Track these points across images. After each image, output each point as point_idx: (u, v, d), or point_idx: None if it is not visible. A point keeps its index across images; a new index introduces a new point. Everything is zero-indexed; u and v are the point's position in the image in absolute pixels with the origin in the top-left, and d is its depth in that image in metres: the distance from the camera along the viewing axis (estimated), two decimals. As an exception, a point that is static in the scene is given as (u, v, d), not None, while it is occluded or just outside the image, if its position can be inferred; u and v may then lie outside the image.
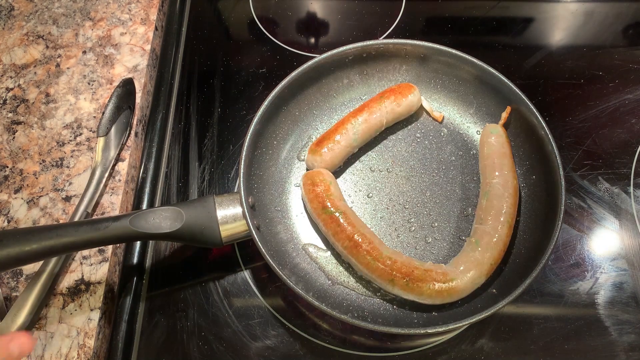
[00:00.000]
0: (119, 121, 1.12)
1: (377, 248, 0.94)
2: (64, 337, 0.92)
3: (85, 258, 0.99)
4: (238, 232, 0.94)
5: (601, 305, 1.01)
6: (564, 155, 1.14)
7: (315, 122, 1.16)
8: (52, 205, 1.05)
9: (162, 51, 1.35)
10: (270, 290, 1.02)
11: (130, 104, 1.16)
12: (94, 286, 0.97)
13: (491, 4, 1.44)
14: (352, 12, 1.42)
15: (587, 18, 1.42)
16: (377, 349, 0.97)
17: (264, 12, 1.43)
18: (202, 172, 1.17)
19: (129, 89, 1.17)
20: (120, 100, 1.14)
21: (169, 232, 0.89)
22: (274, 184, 1.08)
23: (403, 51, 1.14)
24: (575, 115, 1.23)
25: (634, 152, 1.18)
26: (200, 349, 0.96)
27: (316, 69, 1.11)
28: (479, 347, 0.97)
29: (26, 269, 0.98)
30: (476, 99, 1.14)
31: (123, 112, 1.13)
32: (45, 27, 1.30)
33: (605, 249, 1.07)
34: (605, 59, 1.33)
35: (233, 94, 1.28)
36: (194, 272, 1.05)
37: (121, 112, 1.13)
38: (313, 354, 0.96)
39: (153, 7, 1.34)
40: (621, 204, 1.12)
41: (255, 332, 0.98)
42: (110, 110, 1.12)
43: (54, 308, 0.94)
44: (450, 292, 0.90)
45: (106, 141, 1.10)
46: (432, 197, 1.08)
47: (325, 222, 0.98)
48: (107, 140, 1.10)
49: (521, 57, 1.33)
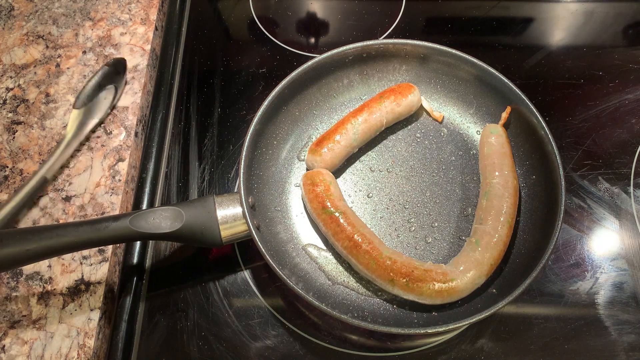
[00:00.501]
0: (100, 97, 1.10)
1: (377, 248, 0.94)
2: (64, 337, 0.92)
3: (85, 258, 0.99)
4: (238, 232, 0.94)
5: (601, 305, 1.01)
6: (564, 155, 1.14)
7: (315, 122, 1.16)
8: (52, 205, 1.05)
9: (162, 51, 1.35)
10: (270, 290, 1.02)
11: (116, 83, 1.14)
12: (94, 286, 0.97)
13: (491, 4, 1.44)
14: (352, 12, 1.42)
15: (587, 18, 1.42)
16: (377, 349, 0.97)
17: (264, 12, 1.43)
18: (202, 172, 1.17)
19: (118, 68, 1.15)
20: (104, 78, 1.12)
21: (169, 232, 0.89)
22: (274, 184, 1.08)
23: (403, 51, 1.14)
24: (575, 115, 1.23)
25: (634, 152, 1.18)
26: (200, 349, 0.96)
27: (316, 69, 1.11)
28: (479, 347, 0.97)
29: (26, 269, 0.98)
30: (476, 99, 1.14)
31: (105, 89, 1.11)
32: (45, 27, 1.30)
33: (605, 249, 1.07)
34: (605, 59, 1.33)
35: (233, 94, 1.28)
36: (194, 272, 1.05)
37: (103, 89, 1.11)
38: (313, 354, 0.96)
39: (153, 7, 1.34)
40: (621, 204, 1.12)
41: (255, 332, 0.98)
42: (91, 86, 1.11)
43: (54, 308, 0.94)
44: (450, 292, 0.90)
45: (82, 115, 1.08)
46: (432, 197, 1.08)
47: (325, 222, 0.98)
48: (84, 113, 1.09)
49: (521, 57, 1.33)
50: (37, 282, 0.96)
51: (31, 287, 0.96)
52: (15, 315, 0.93)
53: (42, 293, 0.96)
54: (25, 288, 0.96)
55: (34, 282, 0.96)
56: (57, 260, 0.99)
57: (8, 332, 0.92)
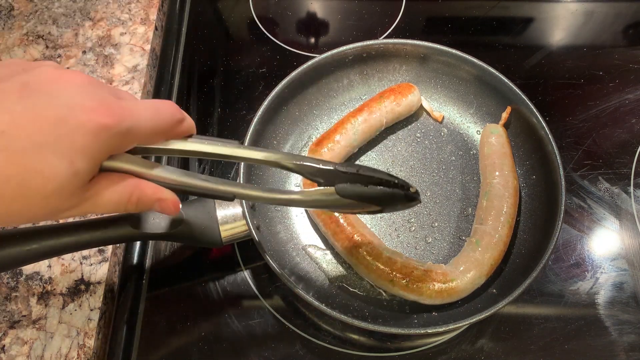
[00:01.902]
0: None
1: (377, 248, 0.94)
2: (63, 337, 0.92)
3: (85, 258, 0.99)
4: (238, 232, 0.94)
5: (601, 305, 1.01)
6: (564, 155, 1.14)
7: (315, 122, 1.16)
8: (52, 205, 1.04)
9: (162, 51, 1.35)
10: (270, 290, 1.02)
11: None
12: (94, 286, 0.97)
13: (491, 4, 1.44)
14: (352, 12, 1.42)
15: (587, 18, 1.42)
16: (377, 349, 0.97)
17: (264, 12, 1.43)
18: (202, 172, 1.16)
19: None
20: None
21: (169, 232, 0.89)
22: (274, 184, 1.08)
23: (403, 51, 1.14)
24: (575, 115, 1.23)
25: (634, 152, 1.18)
26: (200, 349, 0.96)
27: (316, 69, 1.11)
28: (479, 347, 0.97)
29: (26, 269, 0.98)
30: (476, 99, 1.14)
31: None
32: (45, 27, 1.30)
33: (605, 249, 1.07)
34: (605, 59, 1.33)
35: (233, 94, 1.28)
36: (194, 272, 1.05)
37: None
38: (313, 354, 0.96)
39: (153, 7, 1.34)
40: (621, 204, 1.12)
41: (255, 332, 0.98)
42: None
43: (53, 308, 0.94)
44: (450, 292, 0.90)
45: None
46: (432, 197, 1.08)
47: (325, 222, 0.98)
48: None
49: (521, 57, 1.33)
50: (37, 282, 0.96)
51: (31, 287, 0.96)
52: (15, 315, 0.93)
53: (42, 293, 0.96)
54: (25, 288, 0.96)
55: (34, 282, 0.96)
56: (57, 260, 0.98)
57: (8, 332, 0.92)
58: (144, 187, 0.61)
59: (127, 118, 0.55)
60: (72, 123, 0.51)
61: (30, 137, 0.49)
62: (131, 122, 0.56)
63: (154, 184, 0.63)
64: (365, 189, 0.66)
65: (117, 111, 0.54)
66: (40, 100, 0.51)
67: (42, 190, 0.51)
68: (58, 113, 0.51)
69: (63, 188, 0.52)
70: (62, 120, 0.51)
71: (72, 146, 0.51)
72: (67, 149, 0.51)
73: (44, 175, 0.50)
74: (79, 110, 0.52)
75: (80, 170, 0.53)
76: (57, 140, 0.50)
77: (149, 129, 0.59)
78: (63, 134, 0.51)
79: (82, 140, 0.52)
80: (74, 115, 0.51)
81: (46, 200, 0.52)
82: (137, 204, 0.61)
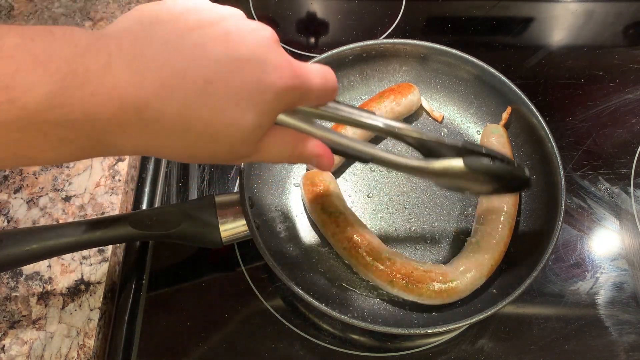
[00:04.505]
0: None
1: (377, 249, 0.94)
2: (63, 337, 0.92)
3: (85, 258, 0.99)
4: (238, 232, 0.94)
5: (601, 305, 1.01)
6: (564, 155, 1.14)
7: (315, 122, 1.16)
8: (52, 205, 1.05)
9: (162, 51, 1.34)
10: (270, 290, 1.02)
11: None
12: (93, 286, 0.97)
13: (491, 4, 1.44)
14: (352, 12, 1.42)
15: (587, 18, 1.42)
16: (377, 349, 0.97)
17: (264, 12, 1.43)
18: (202, 172, 1.17)
19: None
20: None
21: (169, 232, 0.89)
22: (274, 184, 1.08)
23: (403, 51, 1.14)
24: (575, 115, 1.23)
25: (634, 152, 1.18)
26: (200, 349, 0.96)
27: (316, 69, 1.10)
28: (479, 347, 0.97)
29: (26, 269, 0.98)
30: (476, 99, 1.14)
31: None
32: (45, 27, 1.29)
33: (605, 249, 1.07)
34: (605, 59, 1.33)
35: (233, 94, 1.27)
36: (194, 272, 1.05)
37: None
38: (313, 354, 0.96)
39: (153, 7, 1.34)
40: (621, 204, 1.12)
41: (255, 332, 0.98)
42: None
43: (53, 308, 0.94)
44: (450, 292, 0.90)
45: None
46: (432, 197, 1.08)
47: (325, 222, 0.98)
48: None
49: (521, 57, 1.33)
50: (37, 282, 0.96)
51: (31, 287, 0.96)
52: (15, 316, 0.93)
53: (41, 293, 0.96)
54: (25, 288, 0.96)
55: (34, 282, 0.96)
56: (57, 260, 0.98)
57: (8, 332, 0.92)
58: (306, 142, 0.66)
59: (306, 81, 0.60)
60: (266, 80, 0.54)
61: (233, 89, 0.53)
62: (309, 85, 0.60)
63: (315, 140, 0.67)
64: (491, 165, 0.71)
65: (300, 73, 0.58)
66: (240, 52, 0.54)
67: (231, 138, 0.55)
68: (255, 69, 0.54)
69: (248, 138, 0.56)
70: (258, 76, 0.54)
71: (262, 102, 0.55)
72: (258, 104, 0.55)
73: (236, 126, 0.54)
74: (272, 68, 0.55)
75: (263, 124, 0.57)
76: (250, 94, 0.54)
77: (318, 93, 0.63)
78: (256, 89, 0.54)
79: (270, 97, 0.55)
80: (268, 72, 0.55)
81: (232, 147, 0.56)
82: (298, 157, 0.66)
